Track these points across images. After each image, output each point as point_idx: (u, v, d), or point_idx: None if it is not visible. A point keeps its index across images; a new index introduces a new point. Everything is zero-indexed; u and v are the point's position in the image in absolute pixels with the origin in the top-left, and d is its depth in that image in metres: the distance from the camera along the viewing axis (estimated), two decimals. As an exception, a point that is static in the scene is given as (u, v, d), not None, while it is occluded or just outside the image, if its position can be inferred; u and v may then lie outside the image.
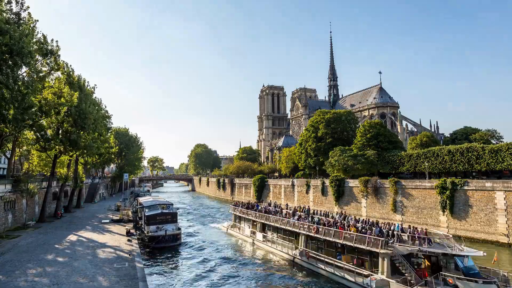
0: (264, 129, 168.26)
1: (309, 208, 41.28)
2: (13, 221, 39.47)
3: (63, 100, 40.51)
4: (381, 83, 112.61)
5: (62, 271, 22.54)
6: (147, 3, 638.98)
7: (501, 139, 72.41)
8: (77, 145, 46.26)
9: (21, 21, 31.95)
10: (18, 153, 54.85)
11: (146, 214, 40.59)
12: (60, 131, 46.94)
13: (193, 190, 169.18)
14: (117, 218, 48.59)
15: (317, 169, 74.18)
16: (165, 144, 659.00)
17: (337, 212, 44.39)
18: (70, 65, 47.89)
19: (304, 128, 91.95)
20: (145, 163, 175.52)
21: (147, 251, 35.70)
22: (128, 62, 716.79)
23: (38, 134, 44.12)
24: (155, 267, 30.81)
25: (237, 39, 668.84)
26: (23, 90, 31.10)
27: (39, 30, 35.03)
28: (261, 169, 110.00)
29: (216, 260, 33.79)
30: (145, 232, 38.52)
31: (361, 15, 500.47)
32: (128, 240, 34.39)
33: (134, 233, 39.05)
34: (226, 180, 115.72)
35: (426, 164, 51.45)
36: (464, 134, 76.20)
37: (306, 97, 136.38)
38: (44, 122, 43.61)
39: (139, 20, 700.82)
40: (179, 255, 35.99)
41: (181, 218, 59.09)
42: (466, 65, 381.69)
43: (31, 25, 33.26)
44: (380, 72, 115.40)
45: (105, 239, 34.33)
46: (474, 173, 51.75)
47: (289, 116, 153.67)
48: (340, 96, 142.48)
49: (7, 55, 28.83)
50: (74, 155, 55.35)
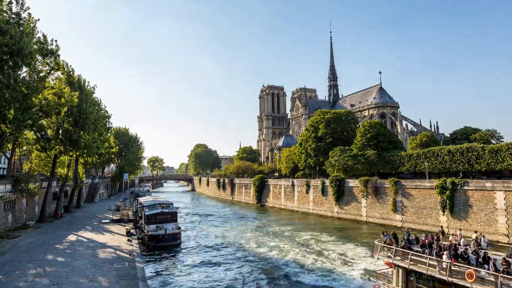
0: (264, 129, 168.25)
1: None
2: (13, 221, 39.49)
3: (63, 100, 40.57)
4: (381, 83, 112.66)
5: (62, 271, 22.55)
6: (148, 4, 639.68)
7: (501, 139, 72.51)
8: (78, 145, 46.33)
9: (21, 21, 31.96)
10: (18, 153, 54.81)
11: (146, 214, 40.60)
12: (60, 131, 47.01)
13: (193, 190, 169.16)
14: (117, 218, 48.68)
15: (317, 169, 74.21)
16: (165, 144, 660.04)
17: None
18: (70, 65, 48.00)
19: (304, 128, 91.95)
20: (145, 163, 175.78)
21: (147, 251, 35.68)
22: (128, 63, 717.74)
23: (38, 134, 44.18)
24: (155, 267, 30.75)
25: (237, 39, 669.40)
26: (24, 91, 31.11)
27: (39, 30, 35.08)
28: (261, 169, 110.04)
29: (216, 259, 33.74)
30: (145, 232, 38.54)
31: (361, 15, 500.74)
32: (128, 240, 34.45)
33: (134, 233, 39.09)
34: (226, 180, 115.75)
35: (426, 164, 51.47)
36: (464, 134, 76.27)
37: (306, 97, 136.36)
38: (45, 122, 43.67)
39: (139, 21, 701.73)
40: (179, 255, 35.95)
41: (181, 219, 59.05)
42: (467, 65, 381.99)
43: (31, 25, 33.28)
44: (380, 72, 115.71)
45: (105, 239, 34.36)
46: (474, 173, 51.74)
47: (289, 116, 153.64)
48: (340, 96, 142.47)
49: (8, 55, 28.83)
50: (74, 155, 55.40)
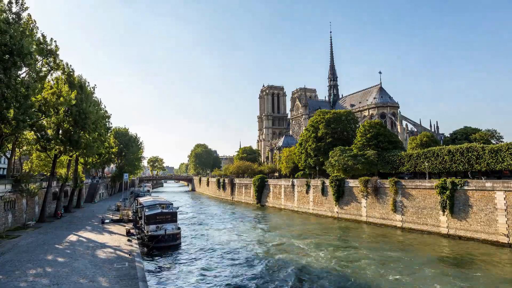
0: (264, 129, 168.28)
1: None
2: (13, 221, 39.49)
3: (62, 100, 40.49)
4: (381, 83, 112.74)
5: (62, 271, 22.53)
6: (148, 3, 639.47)
7: (501, 139, 72.52)
8: (78, 145, 46.31)
9: (21, 21, 31.94)
10: (18, 153, 54.83)
11: (146, 214, 40.56)
12: (61, 131, 46.97)
13: (193, 190, 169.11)
14: (117, 218, 48.67)
15: (317, 169, 74.19)
16: (165, 144, 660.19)
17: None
18: (70, 65, 47.86)
19: (304, 128, 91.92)
20: (145, 163, 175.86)
21: (147, 251, 35.68)
22: (128, 62, 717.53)
23: (38, 134, 44.17)
24: (155, 267, 30.74)
25: (237, 39, 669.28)
26: (24, 91, 31.09)
27: (39, 30, 35.06)
28: (261, 169, 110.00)
29: (216, 259, 33.75)
30: (145, 232, 38.52)
31: (361, 15, 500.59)
32: (128, 240, 34.43)
33: (134, 233, 39.05)
34: (226, 180, 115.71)
35: (426, 164, 51.45)
36: (464, 134, 76.27)
37: (306, 97, 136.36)
38: (45, 122, 43.66)
39: (139, 20, 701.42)
40: (179, 255, 35.93)
41: (181, 219, 59.02)
42: (467, 65, 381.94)
43: (31, 25, 33.26)
44: (380, 72, 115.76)
45: (105, 239, 34.34)
46: (474, 173, 51.72)
47: (289, 116, 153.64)
48: (340, 96, 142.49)
49: (7, 55, 28.83)
50: (74, 155, 55.37)
